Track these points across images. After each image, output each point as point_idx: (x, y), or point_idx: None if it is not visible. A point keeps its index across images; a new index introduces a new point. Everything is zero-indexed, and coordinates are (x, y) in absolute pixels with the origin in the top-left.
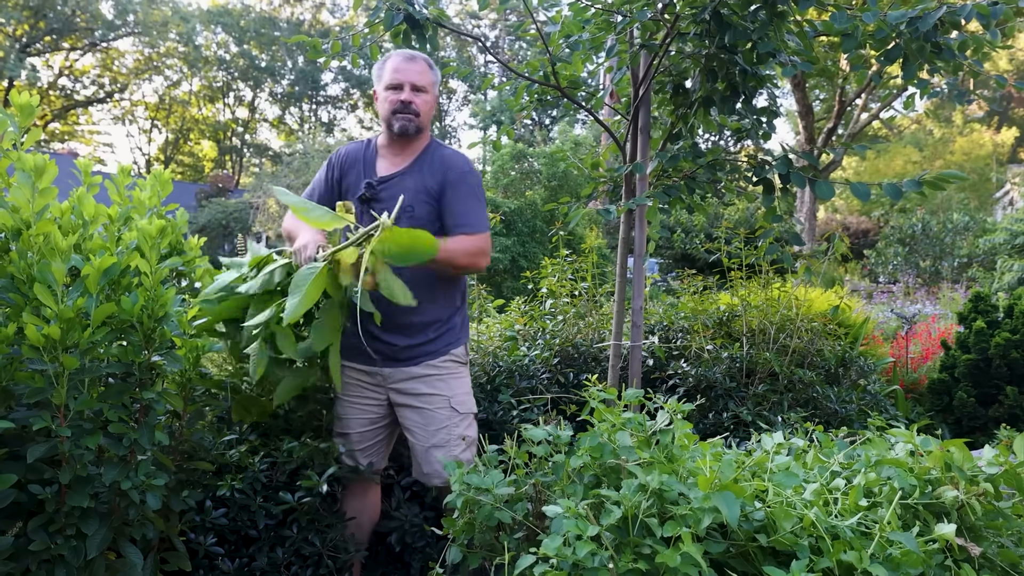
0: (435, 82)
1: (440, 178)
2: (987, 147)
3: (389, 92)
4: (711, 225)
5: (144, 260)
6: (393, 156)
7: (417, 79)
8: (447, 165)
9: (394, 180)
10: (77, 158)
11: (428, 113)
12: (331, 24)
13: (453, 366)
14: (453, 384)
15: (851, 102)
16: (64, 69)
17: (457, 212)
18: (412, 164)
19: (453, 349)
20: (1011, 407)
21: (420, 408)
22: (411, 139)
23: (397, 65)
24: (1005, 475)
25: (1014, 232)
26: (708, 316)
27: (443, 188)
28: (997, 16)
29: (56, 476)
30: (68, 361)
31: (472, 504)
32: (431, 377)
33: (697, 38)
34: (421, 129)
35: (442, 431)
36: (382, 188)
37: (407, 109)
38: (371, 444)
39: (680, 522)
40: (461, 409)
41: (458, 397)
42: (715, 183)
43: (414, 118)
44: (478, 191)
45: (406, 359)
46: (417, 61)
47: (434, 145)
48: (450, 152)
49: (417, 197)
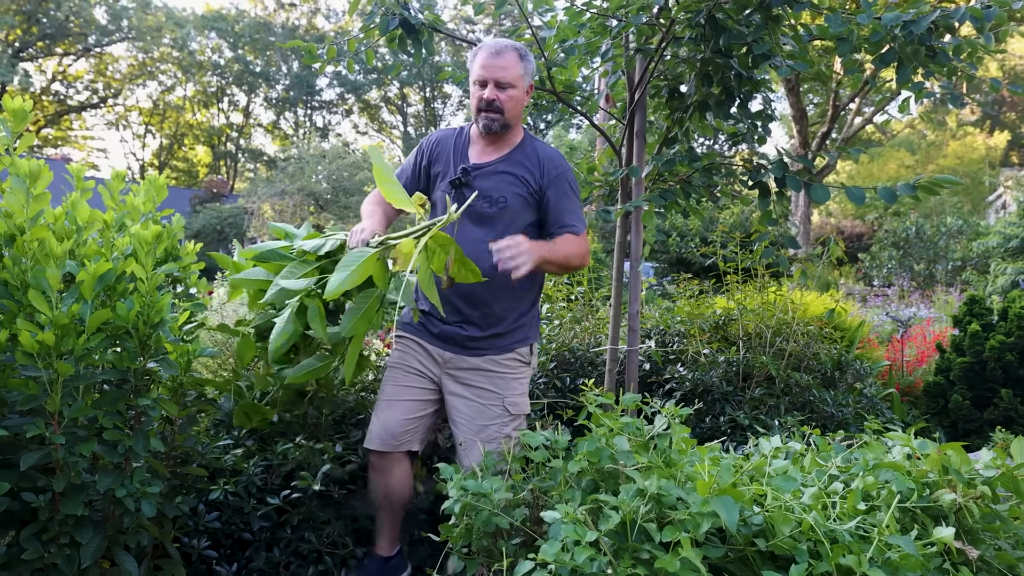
0: (523, 74)
1: (539, 174)
2: (980, 151)
3: (475, 87)
4: (707, 229)
5: (139, 266)
6: (486, 145)
7: (501, 75)
8: (546, 161)
9: (488, 168)
10: (70, 164)
11: (515, 108)
12: (326, 29)
13: (516, 365)
14: (512, 384)
15: (845, 106)
16: (57, 74)
17: (561, 211)
18: (508, 155)
19: (520, 347)
20: (1006, 410)
21: (471, 401)
22: (502, 133)
23: (484, 60)
24: (1002, 478)
25: (1007, 236)
26: (704, 320)
27: (544, 186)
28: (991, 19)
29: (50, 484)
30: (63, 368)
31: (470, 509)
32: (491, 373)
33: (692, 42)
34: (507, 125)
35: (489, 428)
36: (476, 175)
37: (490, 107)
38: (411, 421)
39: (679, 527)
40: (513, 410)
41: (512, 398)
42: (711, 187)
43: (498, 116)
44: (576, 187)
45: (473, 348)
46: (503, 55)
47: (528, 139)
48: (546, 147)
49: (511, 188)
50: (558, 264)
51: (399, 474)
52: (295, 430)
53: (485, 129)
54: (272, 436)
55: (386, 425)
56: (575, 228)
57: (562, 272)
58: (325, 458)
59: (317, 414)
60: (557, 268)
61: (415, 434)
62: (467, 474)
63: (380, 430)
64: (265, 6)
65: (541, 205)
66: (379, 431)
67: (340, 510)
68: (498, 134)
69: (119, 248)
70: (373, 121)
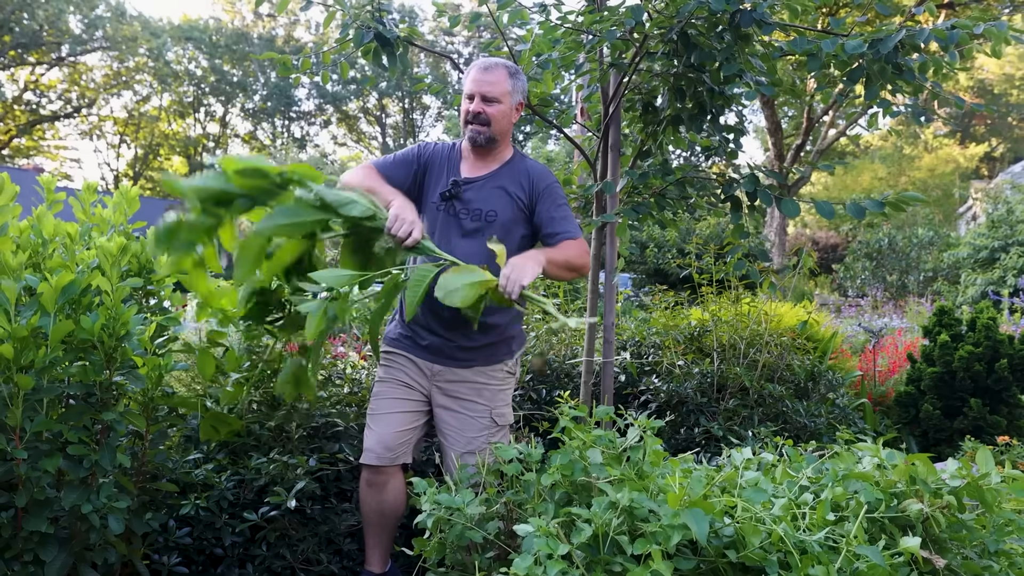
0: (512, 91)
1: (529, 189)
2: (955, 163)
3: (465, 101)
4: (683, 240)
5: (105, 279)
6: (476, 160)
7: (488, 90)
8: (535, 176)
9: (479, 182)
10: (42, 174)
11: (501, 122)
12: (305, 40)
13: (503, 376)
14: (499, 395)
15: (819, 119)
16: (30, 84)
17: (556, 220)
18: (498, 170)
19: (507, 359)
20: (975, 419)
21: (460, 413)
22: (491, 147)
23: (474, 75)
24: (968, 488)
25: (976, 247)
26: (679, 332)
27: (534, 200)
28: (954, 40)
29: (12, 500)
30: (23, 381)
31: (443, 523)
32: (479, 384)
33: (665, 57)
34: (494, 138)
35: (477, 440)
36: (467, 188)
37: (477, 119)
38: (405, 434)
39: (650, 539)
40: (500, 421)
41: (499, 409)
42: (685, 199)
43: (484, 128)
44: (564, 198)
45: (462, 360)
46: (492, 71)
47: (518, 156)
48: (534, 163)
49: (500, 202)
50: (560, 265)
51: (394, 488)
52: (268, 443)
53: (471, 141)
54: (245, 449)
55: (381, 439)
56: (571, 233)
57: (567, 275)
58: (300, 472)
59: (290, 427)
60: (560, 269)
61: (409, 446)
62: (441, 488)
63: (375, 444)
64: (243, 17)
65: (534, 218)
66: (374, 445)
67: (315, 527)
68: (485, 148)
69: (85, 261)
70: (352, 132)
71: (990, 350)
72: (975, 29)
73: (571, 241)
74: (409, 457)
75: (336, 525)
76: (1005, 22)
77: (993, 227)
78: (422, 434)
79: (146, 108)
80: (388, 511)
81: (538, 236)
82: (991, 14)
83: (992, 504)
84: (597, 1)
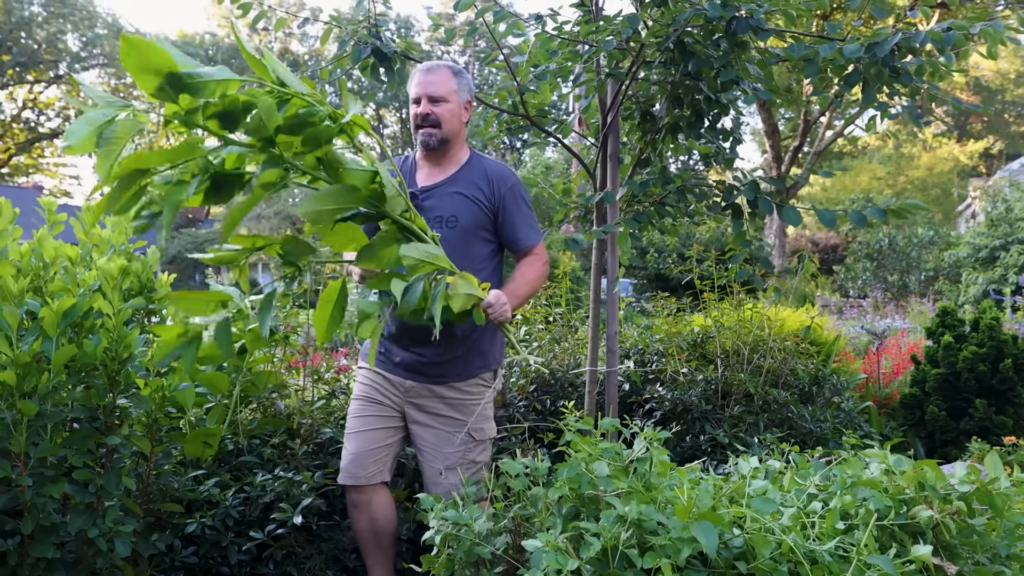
0: (458, 89)
1: (490, 192)
2: (953, 160)
3: (412, 107)
4: (683, 245)
5: (106, 301)
6: (432, 167)
7: (433, 90)
8: (495, 178)
9: (437, 189)
10: (42, 191)
11: (451, 121)
12: (300, 53)
13: (479, 390)
14: (474, 410)
15: (816, 120)
16: (28, 102)
17: (517, 225)
18: (455, 175)
19: (483, 372)
20: (981, 420)
21: (435, 429)
22: (445, 150)
23: (417, 78)
24: (977, 493)
25: (977, 246)
26: (682, 338)
27: (497, 203)
28: (951, 42)
29: (18, 527)
30: (26, 407)
31: (451, 539)
32: (454, 400)
33: (662, 66)
34: (446, 139)
35: (454, 455)
36: (425, 197)
37: (426, 121)
38: (379, 451)
39: (660, 553)
40: (478, 436)
41: (478, 423)
42: (685, 207)
43: (434, 130)
44: (526, 198)
45: (434, 376)
46: (435, 71)
47: (475, 158)
48: (493, 163)
49: (461, 206)
50: (529, 296)
51: (380, 505)
52: (272, 460)
53: (424, 146)
54: (249, 466)
55: (354, 459)
56: (532, 241)
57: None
58: (305, 488)
59: (294, 443)
60: (526, 300)
61: (384, 463)
62: (448, 504)
63: (349, 464)
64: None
65: (496, 222)
66: (348, 465)
67: (321, 543)
68: (439, 151)
69: (86, 283)
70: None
71: (994, 350)
72: (971, 30)
73: (531, 259)
74: (387, 475)
75: (341, 541)
76: (1001, 22)
77: (993, 225)
78: (398, 450)
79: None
80: (380, 529)
81: (500, 238)
82: (987, 12)
83: (1002, 509)
84: (593, 11)
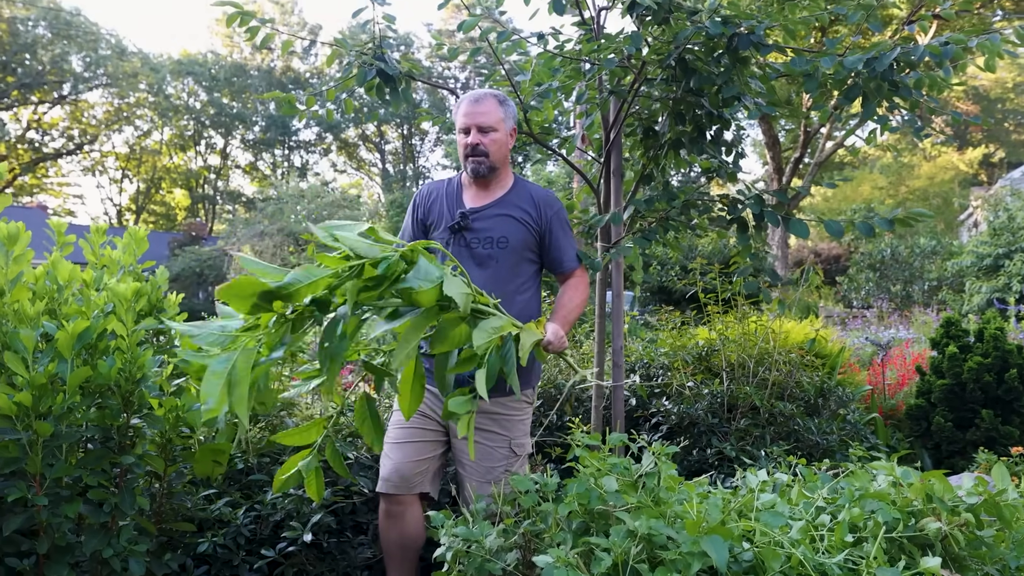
0: (505, 117)
1: (536, 215)
2: (954, 169)
3: (460, 136)
4: (686, 257)
5: (120, 323)
6: (479, 190)
7: (483, 120)
8: (541, 203)
9: (486, 211)
10: (47, 211)
11: (499, 151)
12: (302, 70)
13: (521, 406)
14: (517, 425)
15: (816, 132)
16: (32, 122)
17: (562, 249)
18: (502, 198)
19: (525, 389)
20: (987, 430)
21: (479, 444)
22: (492, 176)
23: (465, 109)
24: (985, 504)
25: (980, 255)
26: (687, 352)
27: (544, 226)
28: (949, 56)
29: (34, 547)
30: (41, 428)
31: (462, 556)
32: (498, 415)
33: (664, 83)
34: (495, 167)
35: (496, 469)
36: (475, 218)
37: (475, 151)
38: (421, 463)
39: (670, 567)
40: (519, 451)
41: (518, 439)
42: (689, 221)
43: (484, 159)
44: (567, 223)
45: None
46: (483, 102)
47: (520, 182)
48: (537, 189)
49: (511, 226)
50: (577, 318)
51: (414, 518)
52: None
53: (473, 173)
54: (259, 485)
55: (397, 468)
56: (575, 264)
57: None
58: (314, 506)
59: None
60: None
61: (426, 475)
62: (458, 520)
63: (391, 473)
64: (241, 50)
65: (542, 244)
66: (390, 474)
67: (332, 561)
68: (487, 178)
69: (99, 305)
70: (351, 159)
71: (999, 360)
72: (969, 43)
73: (573, 282)
74: (427, 487)
75: (352, 558)
76: (998, 35)
77: (995, 234)
78: (440, 464)
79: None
80: (409, 543)
81: (543, 259)
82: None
83: (1011, 520)
84: (594, 30)
